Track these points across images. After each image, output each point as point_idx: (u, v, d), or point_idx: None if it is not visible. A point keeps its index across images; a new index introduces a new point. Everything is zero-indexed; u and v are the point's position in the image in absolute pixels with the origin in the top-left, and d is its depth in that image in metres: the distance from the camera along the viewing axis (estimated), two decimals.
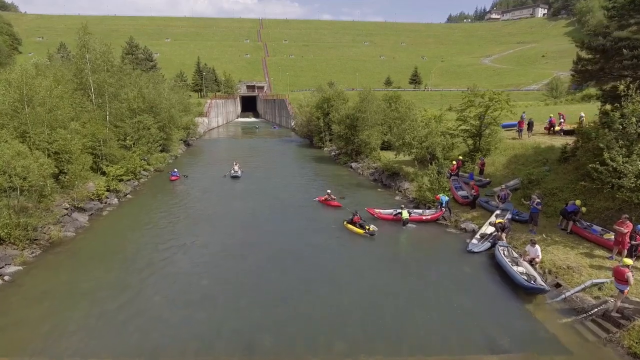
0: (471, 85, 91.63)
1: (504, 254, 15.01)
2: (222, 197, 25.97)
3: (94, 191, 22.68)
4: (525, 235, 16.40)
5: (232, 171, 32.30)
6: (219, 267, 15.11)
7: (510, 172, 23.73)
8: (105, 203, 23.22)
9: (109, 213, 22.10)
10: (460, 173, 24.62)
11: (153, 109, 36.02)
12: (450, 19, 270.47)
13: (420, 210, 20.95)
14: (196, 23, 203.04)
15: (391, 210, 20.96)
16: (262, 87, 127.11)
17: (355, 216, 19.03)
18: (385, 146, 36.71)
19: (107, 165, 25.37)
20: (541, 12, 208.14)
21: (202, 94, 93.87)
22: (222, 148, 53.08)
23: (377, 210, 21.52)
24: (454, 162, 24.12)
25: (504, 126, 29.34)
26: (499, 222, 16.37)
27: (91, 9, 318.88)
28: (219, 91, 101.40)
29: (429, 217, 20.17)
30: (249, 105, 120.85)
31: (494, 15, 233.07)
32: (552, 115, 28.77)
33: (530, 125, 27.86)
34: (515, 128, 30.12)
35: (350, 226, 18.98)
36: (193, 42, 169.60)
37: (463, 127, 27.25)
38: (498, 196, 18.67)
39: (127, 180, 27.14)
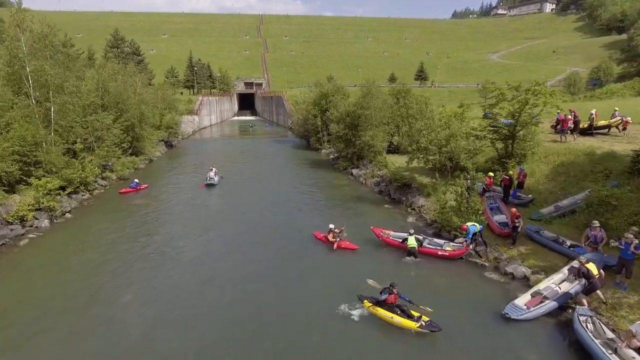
0: (482, 81, 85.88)
1: (588, 328, 9.54)
2: (188, 220, 20.01)
3: (14, 212, 17.33)
4: (612, 292, 10.89)
5: (208, 178, 27.00)
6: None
7: (558, 187, 18.15)
8: (31, 227, 17.86)
9: (29, 242, 16.64)
10: (517, 195, 18.22)
11: (119, 105, 30.72)
12: (455, 15, 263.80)
13: (441, 241, 15.43)
14: (194, 19, 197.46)
15: (404, 235, 15.59)
16: (260, 84, 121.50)
17: (392, 293, 10.90)
18: (392, 149, 31.26)
19: (43, 176, 20.03)
20: (549, 7, 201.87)
21: (194, 90, 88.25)
22: (209, 149, 47.66)
23: (384, 232, 16.36)
24: (491, 174, 18.36)
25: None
26: (586, 267, 10.60)
27: (90, 6, 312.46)
28: (214, 88, 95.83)
29: (446, 253, 14.69)
30: (246, 103, 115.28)
31: (500, 11, 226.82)
32: (560, 111, 23.60)
33: (576, 124, 22.26)
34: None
35: (381, 312, 10.91)
36: (191, 39, 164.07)
37: (492, 126, 21.68)
38: (586, 237, 12.30)
39: (72, 194, 21.80)
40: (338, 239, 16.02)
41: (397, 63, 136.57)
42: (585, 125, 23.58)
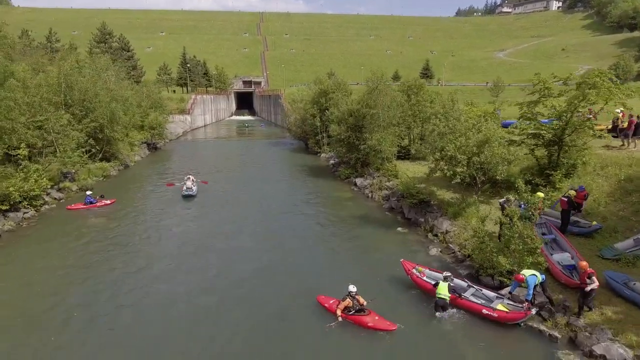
0: (492, 79, 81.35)
1: None
2: (146, 256, 14.96)
3: None
4: None
5: (184, 188, 22.74)
6: None
7: (630, 210, 13.70)
8: None
9: None
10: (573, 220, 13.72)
11: (85, 104, 26.40)
12: (458, 13, 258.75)
13: (491, 294, 10.94)
14: (193, 17, 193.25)
15: (440, 276, 11.34)
16: (259, 83, 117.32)
17: None
18: (402, 154, 26.89)
19: None
20: (555, 4, 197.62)
21: (187, 88, 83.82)
22: (197, 153, 43.32)
23: (415, 270, 12.14)
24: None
25: (505, 125, 21.65)
26: None
27: (89, 4, 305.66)
28: (210, 86, 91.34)
29: (495, 314, 10.11)
30: (244, 102, 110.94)
31: (505, 9, 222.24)
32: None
33: (638, 127, 17.83)
34: None
35: None
36: (189, 36, 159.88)
37: (530, 129, 17.33)
38: None
39: (8, 211, 17.51)
40: (364, 309, 10.48)
41: (401, 61, 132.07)
42: (610, 127, 20.00)
